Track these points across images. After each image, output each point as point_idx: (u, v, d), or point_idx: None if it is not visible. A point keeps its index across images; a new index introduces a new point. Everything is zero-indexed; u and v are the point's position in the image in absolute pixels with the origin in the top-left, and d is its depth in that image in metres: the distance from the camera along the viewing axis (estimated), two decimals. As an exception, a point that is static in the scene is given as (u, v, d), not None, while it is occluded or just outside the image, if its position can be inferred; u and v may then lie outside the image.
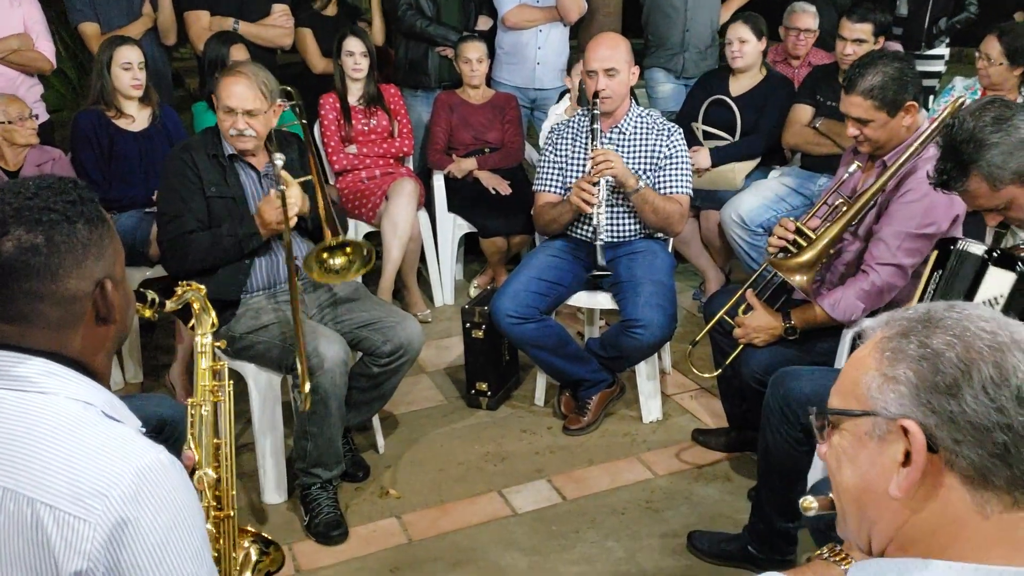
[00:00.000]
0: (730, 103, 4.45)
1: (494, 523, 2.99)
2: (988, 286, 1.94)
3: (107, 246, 1.34)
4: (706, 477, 3.20)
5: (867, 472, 1.02)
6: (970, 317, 1.00)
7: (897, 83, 2.67)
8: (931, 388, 0.97)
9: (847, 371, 1.07)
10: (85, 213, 1.31)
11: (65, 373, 1.28)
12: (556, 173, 3.56)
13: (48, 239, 1.27)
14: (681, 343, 4.05)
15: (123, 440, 1.23)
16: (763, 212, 4.10)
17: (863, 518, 1.05)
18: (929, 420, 0.96)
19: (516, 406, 3.74)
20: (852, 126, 2.78)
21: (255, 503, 3.11)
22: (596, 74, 3.34)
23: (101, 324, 1.34)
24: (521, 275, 3.47)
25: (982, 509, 0.96)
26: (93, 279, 1.31)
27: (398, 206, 4.28)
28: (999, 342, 0.97)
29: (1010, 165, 2.08)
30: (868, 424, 1.01)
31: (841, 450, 1.06)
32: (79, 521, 1.15)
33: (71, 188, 1.33)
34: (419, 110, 4.95)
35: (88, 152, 3.86)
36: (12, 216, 1.27)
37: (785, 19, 4.81)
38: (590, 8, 5.05)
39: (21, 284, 1.26)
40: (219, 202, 2.99)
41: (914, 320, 1.02)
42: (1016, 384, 0.95)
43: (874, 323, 1.07)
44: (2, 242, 1.25)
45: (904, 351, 1.00)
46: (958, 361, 0.96)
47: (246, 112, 2.93)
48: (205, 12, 4.66)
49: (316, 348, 2.81)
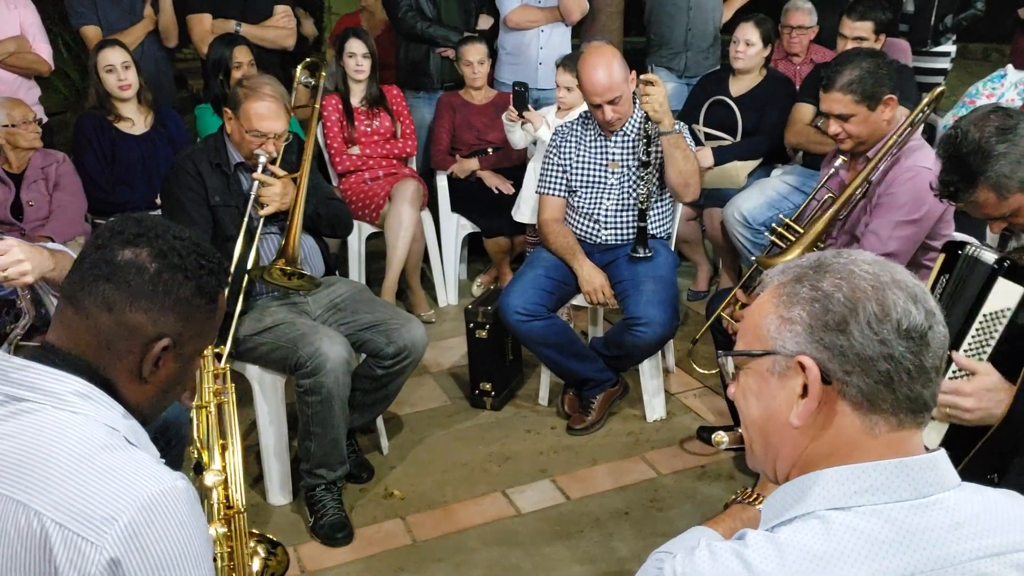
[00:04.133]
0: (731, 104, 4.45)
1: (498, 523, 3.00)
2: (996, 297, 1.91)
3: (196, 319, 1.38)
4: (710, 476, 3.20)
5: (770, 405, 1.13)
6: (855, 261, 1.10)
7: (874, 77, 2.75)
8: (823, 326, 1.07)
9: (750, 316, 1.17)
10: (203, 282, 1.37)
11: (96, 395, 1.30)
12: (560, 175, 3.56)
13: (158, 272, 1.33)
14: (685, 342, 4.06)
15: (141, 467, 1.23)
16: (765, 210, 4.10)
17: (768, 447, 1.16)
18: (822, 355, 1.07)
19: (520, 406, 3.74)
20: (834, 123, 2.85)
21: (260, 504, 3.12)
22: (601, 107, 3.32)
23: (136, 377, 1.35)
24: (529, 272, 3.48)
25: (871, 431, 1.07)
26: (159, 329, 1.34)
27: (401, 207, 4.29)
28: (881, 282, 1.07)
29: (1017, 174, 2.08)
30: (769, 362, 1.12)
31: (747, 388, 1.16)
32: (86, 543, 1.15)
33: (213, 260, 1.40)
34: (422, 111, 4.95)
35: (90, 155, 3.88)
36: (152, 238, 1.35)
37: (782, 17, 4.83)
38: (592, 8, 5.05)
39: (108, 288, 1.31)
40: (224, 211, 2.99)
41: (806, 267, 1.12)
42: (896, 318, 1.05)
43: (772, 272, 1.17)
44: (128, 248, 1.33)
45: (798, 294, 1.10)
46: (845, 300, 1.06)
47: (276, 136, 2.97)
48: (207, 15, 4.66)
49: (319, 348, 2.82)
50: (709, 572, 1.04)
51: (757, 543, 1.03)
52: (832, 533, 1.00)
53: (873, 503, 1.03)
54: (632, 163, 3.44)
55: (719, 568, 1.03)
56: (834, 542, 1.00)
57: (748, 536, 1.05)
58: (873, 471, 1.04)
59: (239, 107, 2.96)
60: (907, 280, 1.09)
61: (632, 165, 3.43)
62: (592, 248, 3.53)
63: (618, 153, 3.46)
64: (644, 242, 3.36)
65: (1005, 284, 1.90)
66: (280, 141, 2.99)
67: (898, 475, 1.04)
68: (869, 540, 0.99)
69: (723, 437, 1.46)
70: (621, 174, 3.46)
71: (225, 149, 3.03)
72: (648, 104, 3.13)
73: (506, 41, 4.99)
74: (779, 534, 1.04)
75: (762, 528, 1.11)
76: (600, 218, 3.50)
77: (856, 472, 1.05)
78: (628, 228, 3.51)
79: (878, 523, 1.01)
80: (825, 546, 1.00)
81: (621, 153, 3.45)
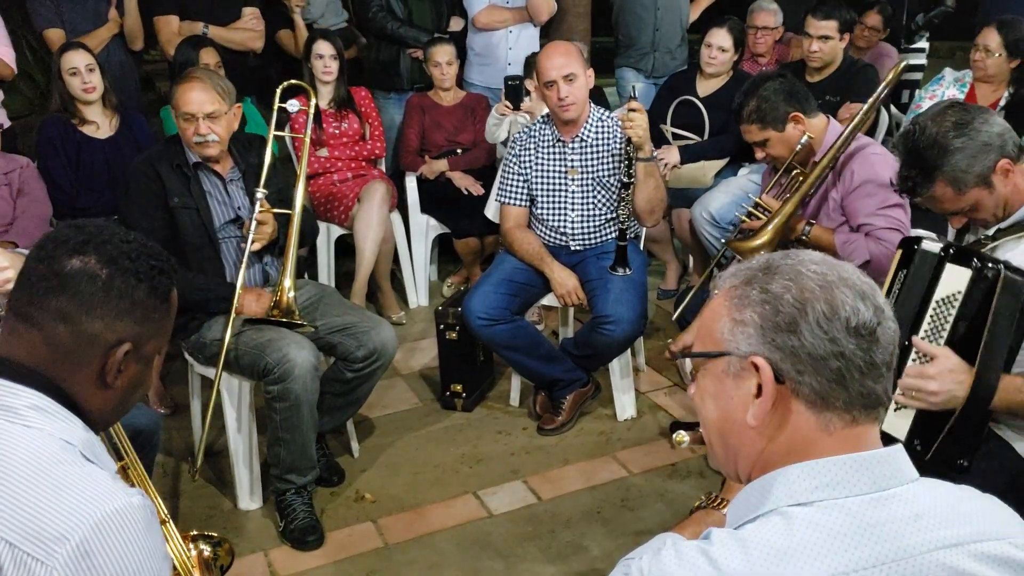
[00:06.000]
0: (698, 104, 4.48)
1: (470, 525, 3.00)
2: (946, 283, 1.97)
3: (152, 320, 1.37)
4: (680, 474, 3.23)
5: (727, 406, 1.15)
6: (803, 262, 1.12)
7: (769, 103, 2.94)
8: (774, 327, 1.09)
9: (704, 319, 1.19)
10: (156, 283, 1.36)
11: (54, 409, 1.28)
12: (520, 183, 3.55)
13: (109, 278, 1.32)
14: (654, 340, 4.09)
15: (95, 484, 1.21)
16: (733, 209, 4.11)
17: (728, 447, 1.18)
18: (775, 355, 1.09)
19: (491, 407, 3.75)
20: (757, 151, 3.04)
21: (230, 509, 3.10)
22: (555, 84, 3.30)
23: (100, 384, 1.34)
24: (492, 277, 3.48)
25: (826, 428, 1.09)
26: (118, 335, 1.33)
27: (370, 208, 4.28)
28: (828, 281, 1.09)
29: (974, 169, 2.12)
30: (724, 363, 1.14)
31: (704, 389, 1.18)
32: (36, 562, 1.13)
33: (163, 260, 1.39)
34: (391, 112, 4.95)
35: (55, 159, 3.83)
36: (99, 245, 1.33)
37: (747, 17, 4.87)
38: (560, 8, 5.07)
39: (61, 300, 1.30)
40: (183, 212, 2.96)
41: (755, 269, 1.14)
42: (844, 316, 1.07)
43: (724, 275, 1.19)
44: (75, 258, 1.31)
45: (749, 296, 1.12)
46: (794, 301, 1.08)
47: (207, 116, 2.91)
48: (175, 16, 4.63)
49: (286, 354, 2.80)
50: (675, 571, 1.05)
51: (722, 541, 1.05)
52: (794, 528, 1.02)
53: (833, 497, 1.04)
54: (592, 172, 3.44)
55: (685, 566, 1.04)
56: (796, 536, 1.01)
57: (713, 535, 1.07)
58: (832, 466, 1.06)
59: (173, 98, 2.96)
60: (855, 278, 1.11)
61: (592, 174, 3.44)
62: (560, 250, 3.54)
63: (577, 160, 3.45)
64: (624, 261, 3.34)
65: (953, 269, 1.96)
66: (215, 124, 2.92)
67: (857, 470, 1.06)
68: (830, 533, 1.01)
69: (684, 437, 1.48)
70: (582, 181, 3.46)
71: (183, 151, 3.01)
72: (632, 130, 3.16)
73: (474, 42, 5.00)
74: (743, 531, 1.05)
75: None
76: (567, 230, 3.51)
77: (816, 468, 1.06)
78: (595, 234, 3.52)
79: (839, 516, 1.02)
80: (788, 540, 1.01)
81: (580, 160, 3.45)
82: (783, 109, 2.94)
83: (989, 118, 2.17)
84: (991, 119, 2.17)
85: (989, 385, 1.93)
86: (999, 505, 1.12)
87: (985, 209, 2.18)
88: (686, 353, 1.21)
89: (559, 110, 3.36)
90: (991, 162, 2.13)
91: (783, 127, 2.95)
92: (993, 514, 1.09)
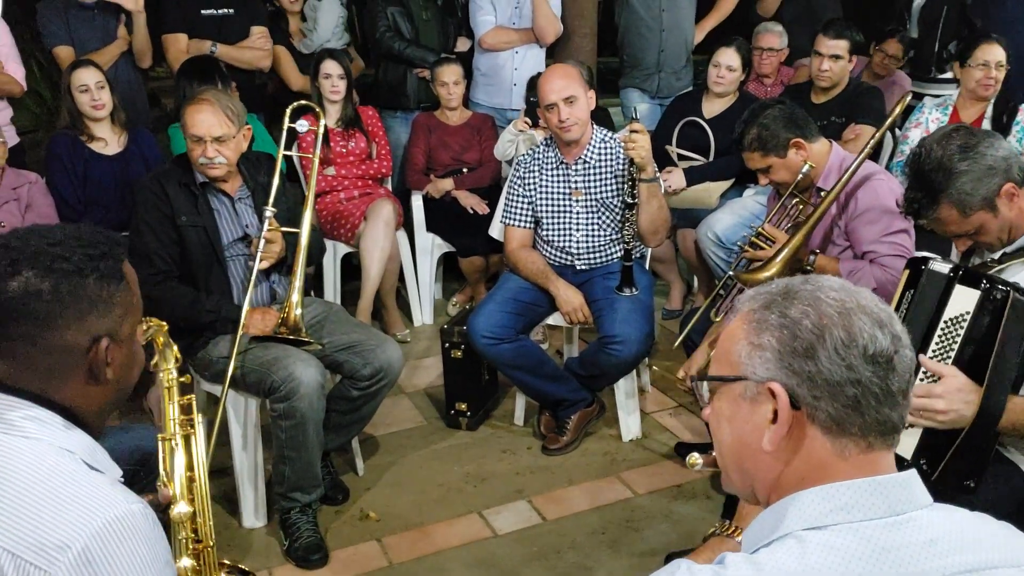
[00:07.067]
0: (704, 125, 4.50)
1: (474, 545, 2.99)
2: (955, 303, 1.97)
3: (116, 304, 1.34)
4: (685, 495, 3.22)
5: (742, 430, 1.15)
6: (822, 288, 1.12)
7: (769, 130, 2.94)
8: (791, 352, 1.09)
9: (722, 342, 1.18)
10: (101, 268, 1.31)
11: (50, 419, 1.27)
12: (525, 206, 3.56)
13: (54, 287, 1.27)
14: (660, 360, 4.08)
15: (96, 491, 1.21)
16: (738, 230, 4.13)
17: (743, 472, 1.18)
18: (791, 381, 1.09)
19: (496, 426, 3.74)
20: (761, 177, 3.06)
21: (234, 527, 3.09)
22: (555, 106, 3.31)
23: (93, 382, 1.33)
24: (497, 295, 3.49)
25: (841, 453, 1.09)
26: (91, 334, 1.30)
27: (376, 227, 4.29)
28: (847, 308, 1.09)
29: (979, 192, 2.13)
30: (741, 388, 1.14)
31: (720, 412, 1.18)
32: (39, 571, 1.13)
33: (100, 242, 1.33)
34: (398, 131, 4.97)
35: (63, 175, 3.85)
36: (28, 258, 1.27)
37: (753, 39, 4.89)
38: (566, 29, 5.09)
39: (18, 326, 1.27)
40: (191, 231, 2.97)
41: (775, 293, 1.14)
42: (862, 343, 1.07)
43: (743, 298, 1.19)
44: (9, 281, 1.26)
45: (767, 321, 1.12)
46: (813, 327, 1.08)
47: (215, 139, 2.92)
48: (183, 35, 4.65)
49: (292, 372, 2.81)
50: None
51: (735, 564, 1.04)
52: (808, 551, 1.02)
53: (848, 521, 1.04)
54: (595, 193, 3.45)
55: None
56: (811, 560, 1.01)
57: (727, 559, 1.06)
58: (847, 490, 1.06)
59: (182, 118, 2.98)
60: (873, 305, 1.11)
61: (595, 195, 3.45)
62: (565, 270, 3.55)
63: (580, 182, 3.46)
64: (630, 281, 3.33)
65: (962, 290, 1.97)
66: (224, 147, 2.93)
67: (872, 493, 1.05)
68: (845, 557, 1.00)
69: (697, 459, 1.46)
70: (586, 202, 3.47)
71: (192, 170, 3.02)
72: (634, 151, 3.17)
73: (481, 62, 5.03)
74: (757, 555, 1.05)
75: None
76: (573, 251, 3.52)
77: (831, 492, 1.06)
78: (600, 254, 3.53)
79: (853, 540, 1.02)
80: (802, 564, 1.01)
81: (583, 181, 3.45)
82: (784, 136, 2.94)
83: (995, 142, 2.19)
84: (996, 143, 2.19)
85: (997, 405, 1.93)
86: (1015, 532, 1.11)
87: (990, 232, 2.19)
88: (703, 376, 1.22)
89: (560, 131, 3.37)
90: (996, 186, 2.14)
91: (785, 153, 2.96)
92: (1008, 541, 1.09)
